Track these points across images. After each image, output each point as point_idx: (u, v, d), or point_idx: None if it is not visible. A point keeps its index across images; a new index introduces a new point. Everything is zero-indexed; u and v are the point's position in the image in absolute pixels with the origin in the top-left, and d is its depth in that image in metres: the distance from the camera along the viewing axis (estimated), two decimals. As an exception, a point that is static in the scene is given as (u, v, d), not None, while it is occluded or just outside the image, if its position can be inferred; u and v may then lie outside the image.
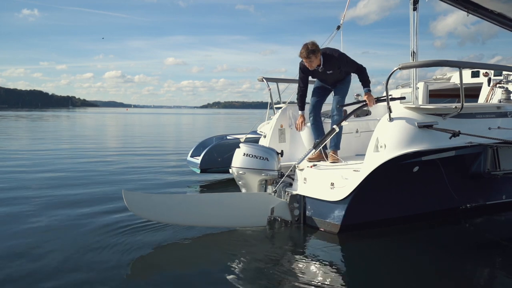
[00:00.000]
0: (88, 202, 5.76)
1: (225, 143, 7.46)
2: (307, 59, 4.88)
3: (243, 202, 4.60)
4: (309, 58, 4.87)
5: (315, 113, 5.29)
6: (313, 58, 4.88)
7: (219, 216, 4.41)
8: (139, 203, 4.18)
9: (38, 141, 16.51)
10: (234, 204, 4.53)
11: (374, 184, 4.18)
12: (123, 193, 4.05)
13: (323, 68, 5.03)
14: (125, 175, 8.18)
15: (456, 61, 4.29)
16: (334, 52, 5.04)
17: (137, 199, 4.21)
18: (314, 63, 4.93)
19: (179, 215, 4.31)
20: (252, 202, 4.62)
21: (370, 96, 4.90)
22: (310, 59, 4.88)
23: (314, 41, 4.92)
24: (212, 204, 4.46)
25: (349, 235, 4.32)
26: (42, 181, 7.37)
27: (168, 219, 4.35)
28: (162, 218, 4.34)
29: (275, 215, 4.56)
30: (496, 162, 4.56)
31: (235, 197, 4.72)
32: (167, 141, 17.99)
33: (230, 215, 4.45)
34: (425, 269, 3.57)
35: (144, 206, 4.20)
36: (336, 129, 4.81)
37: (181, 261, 3.81)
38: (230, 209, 4.46)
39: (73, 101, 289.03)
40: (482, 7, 6.01)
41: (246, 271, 3.56)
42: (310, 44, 4.85)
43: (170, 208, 4.29)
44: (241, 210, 4.50)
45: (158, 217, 4.33)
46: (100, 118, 51.06)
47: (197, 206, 4.41)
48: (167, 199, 4.49)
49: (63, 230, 4.48)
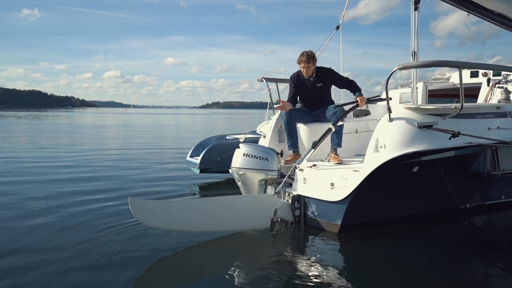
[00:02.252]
0: (86, 201, 5.74)
1: (224, 143, 7.46)
2: (307, 63, 5.16)
3: (248, 205, 4.54)
4: (309, 63, 5.16)
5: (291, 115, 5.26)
6: (311, 64, 5.19)
7: (226, 220, 4.33)
8: (146, 211, 3.99)
9: (25, 145, 16.46)
10: (239, 207, 4.47)
11: (374, 184, 4.19)
12: (129, 201, 3.87)
13: (314, 78, 5.30)
14: (124, 175, 8.15)
15: (456, 61, 4.30)
16: (326, 67, 5.41)
17: (144, 207, 4.02)
18: (310, 69, 5.22)
19: (188, 222, 4.17)
20: (257, 204, 4.57)
21: (362, 97, 5.16)
22: (309, 64, 5.17)
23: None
24: (219, 209, 4.36)
25: (349, 235, 4.32)
26: (38, 186, 7.32)
27: (177, 227, 4.20)
28: (169, 226, 4.18)
29: (278, 216, 4.53)
30: (496, 162, 4.57)
31: (240, 200, 4.68)
32: (166, 141, 17.98)
33: (236, 218, 4.38)
34: (425, 269, 3.58)
35: (151, 214, 4.02)
36: (332, 128, 4.85)
37: (181, 261, 3.81)
38: (236, 212, 4.39)
39: (72, 101, 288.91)
40: (482, 7, 6.01)
41: (245, 271, 3.56)
42: (309, 51, 5.19)
43: (178, 215, 4.14)
44: (246, 213, 4.44)
45: (166, 225, 4.16)
46: (100, 118, 50.98)
47: (204, 211, 4.29)
48: (175, 206, 4.34)
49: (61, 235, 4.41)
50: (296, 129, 5.36)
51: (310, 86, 5.34)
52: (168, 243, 4.09)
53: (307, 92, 5.39)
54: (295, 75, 5.40)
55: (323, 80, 5.32)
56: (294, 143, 5.29)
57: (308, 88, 5.36)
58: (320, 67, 5.34)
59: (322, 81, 5.32)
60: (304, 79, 5.34)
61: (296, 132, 5.35)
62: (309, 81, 5.32)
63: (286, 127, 5.30)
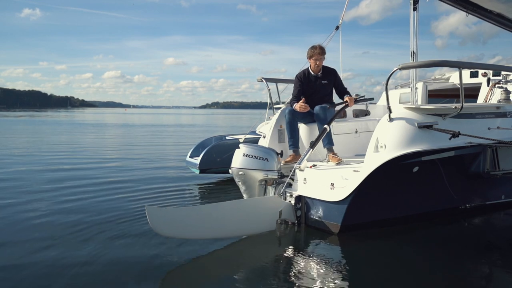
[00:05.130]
0: (85, 204, 5.73)
1: (224, 144, 7.46)
2: (321, 55, 5.32)
3: (255, 208, 4.48)
4: (322, 54, 5.33)
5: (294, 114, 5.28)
6: (323, 57, 5.37)
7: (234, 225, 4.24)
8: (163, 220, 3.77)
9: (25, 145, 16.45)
10: (248, 210, 4.40)
11: (374, 185, 4.19)
12: (146, 210, 3.60)
13: (321, 75, 5.42)
14: (123, 176, 8.13)
15: (456, 61, 4.30)
16: (331, 67, 5.59)
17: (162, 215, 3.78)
18: (322, 62, 5.37)
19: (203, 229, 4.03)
20: (263, 207, 4.52)
21: (351, 97, 5.37)
22: (322, 56, 5.34)
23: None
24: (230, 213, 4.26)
25: (349, 235, 4.32)
26: (38, 185, 7.32)
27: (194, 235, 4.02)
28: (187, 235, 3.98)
29: (283, 218, 4.52)
30: (496, 162, 4.57)
31: (247, 203, 4.63)
32: (166, 141, 17.96)
33: (245, 222, 4.30)
34: (425, 269, 3.57)
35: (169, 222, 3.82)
36: (327, 128, 4.90)
37: (181, 261, 3.79)
38: (245, 216, 4.32)
39: (72, 102, 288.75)
40: (481, 7, 6.01)
41: (246, 271, 3.56)
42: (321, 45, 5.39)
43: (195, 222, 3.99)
44: (253, 216, 4.39)
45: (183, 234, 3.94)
46: (99, 118, 50.92)
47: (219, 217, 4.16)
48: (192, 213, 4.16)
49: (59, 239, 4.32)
50: (297, 129, 5.37)
51: (316, 83, 5.41)
52: (169, 244, 4.06)
53: (312, 89, 5.43)
54: (302, 73, 5.49)
55: (328, 78, 5.48)
56: (295, 143, 5.29)
57: (313, 85, 5.42)
58: (326, 66, 5.50)
59: (327, 79, 5.47)
60: (311, 76, 5.43)
61: (297, 132, 5.36)
62: (315, 77, 5.43)
63: (288, 126, 5.30)
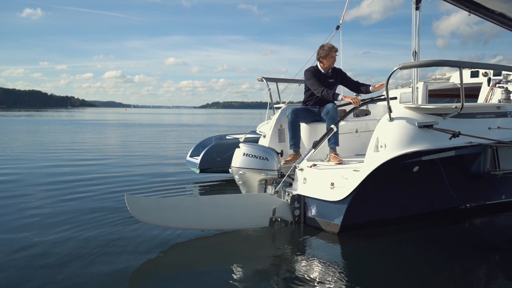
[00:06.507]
0: (85, 203, 5.72)
1: (224, 143, 7.45)
2: (336, 53, 5.38)
3: (246, 204, 4.58)
4: (336, 53, 5.38)
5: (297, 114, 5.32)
6: (336, 57, 5.41)
7: (222, 219, 4.37)
8: (141, 208, 4.08)
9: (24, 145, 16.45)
10: (237, 205, 4.51)
11: (374, 184, 4.18)
12: (125, 198, 3.95)
13: (330, 74, 5.46)
14: (123, 176, 8.14)
15: (456, 61, 4.29)
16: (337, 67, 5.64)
17: (141, 204, 4.12)
18: (333, 62, 5.40)
19: (184, 220, 4.23)
20: (254, 203, 4.60)
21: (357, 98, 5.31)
22: (336, 55, 5.38)
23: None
24: (216, 207, 4.40)
25: (349, 235, 4.32)
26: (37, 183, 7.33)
27: (173, 224, 4.25)
28: (166, 223, 4.23)
29: (277, 216, 4.55)
30: (496, 162, 4.56)
31: (238, 199, 4.70)
32: (166, 141, 17.96)
33: (234, 217, 4.42)
34: (425, 269, 3.57)
35: (147, 210, 4.11)
36: (334, 128, 4.86)
37: (181, 261, 3.80)
38: (233, 211, 4.43)
39: (72, 101, 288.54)
40: (483, 7, 6.00)
41: (245, 271, 3.55)
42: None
43: (174, 212, 4.21)
44: (244, 211, 4.48)
45: (162, 222, 4.21)
46: (99, 118, 50.93)
47: (201, 209, 4.34)
48: (171, 203, 4.41)
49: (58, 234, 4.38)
50: (299, 129, 5.36)
51: (325, 81, 5.41)
52: (166, 241, 4.10)
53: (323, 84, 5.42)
54: (313, 69, 5.47)
55: (335, 77, 5.53)
56: (296, 143, 5.28)
57: (323, 83, 5.40)
58: (335, 67, 5.55)
59: (334, 78, 5.51)
60: (320, 73, 5.42)
61: (299, 132, 5.35)
62: (324, 76, 5.44)
63: (290, 126, 5.29)
